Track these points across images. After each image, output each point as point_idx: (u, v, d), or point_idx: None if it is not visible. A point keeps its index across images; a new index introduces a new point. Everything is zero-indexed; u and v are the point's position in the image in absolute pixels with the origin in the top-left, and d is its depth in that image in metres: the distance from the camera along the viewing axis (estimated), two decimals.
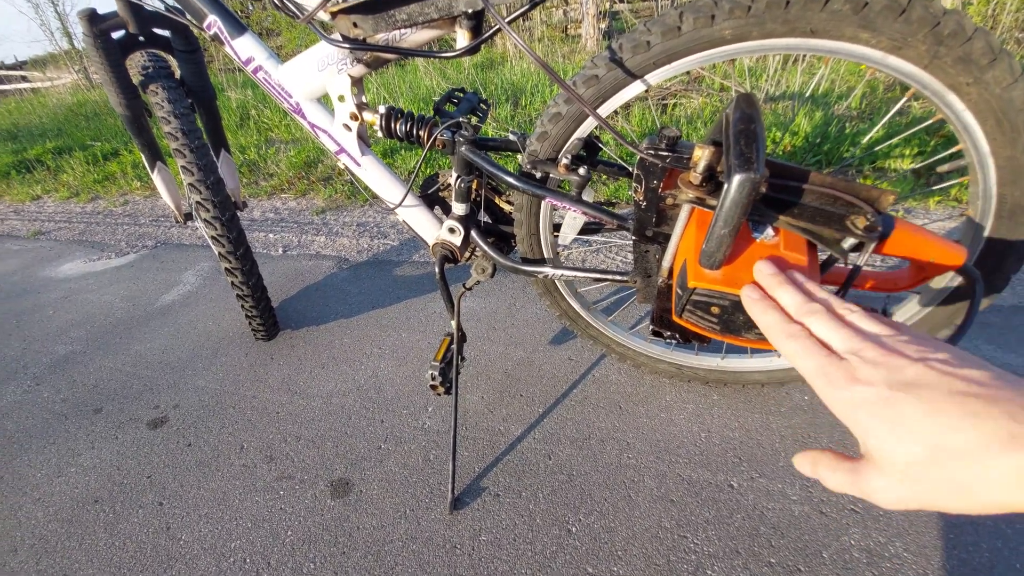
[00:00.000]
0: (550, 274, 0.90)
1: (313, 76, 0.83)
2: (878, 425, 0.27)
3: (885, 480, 0.27)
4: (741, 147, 0.46)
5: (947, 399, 0.25)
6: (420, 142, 0.85)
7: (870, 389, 0.28)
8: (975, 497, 0.24)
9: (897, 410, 0.26)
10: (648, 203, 0.65)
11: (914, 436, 0.25)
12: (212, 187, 1.04)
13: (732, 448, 0.91)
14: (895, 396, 0.27)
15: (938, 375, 0.26)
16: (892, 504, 0.27)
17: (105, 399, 1.26)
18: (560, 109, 0.73)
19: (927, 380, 0.27)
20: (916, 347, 0.29)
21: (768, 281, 0.41)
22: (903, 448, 0.26)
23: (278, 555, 0.84)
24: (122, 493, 0.99)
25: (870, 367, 0.29)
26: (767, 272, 0.42)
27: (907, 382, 0.27)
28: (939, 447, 0.25)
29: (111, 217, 2.61)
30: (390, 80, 3.55)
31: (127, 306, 1.68)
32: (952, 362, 0.27)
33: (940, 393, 0.26)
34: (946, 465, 0.24)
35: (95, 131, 4.19)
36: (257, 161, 2.80)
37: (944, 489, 0.25)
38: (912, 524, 0.76)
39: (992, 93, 0.59)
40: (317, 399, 1.15)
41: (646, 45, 0.65)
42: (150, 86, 1.04)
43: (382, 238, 1.88)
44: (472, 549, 0.81)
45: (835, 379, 0.30)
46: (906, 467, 0.26)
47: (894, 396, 0.27)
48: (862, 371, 0.29)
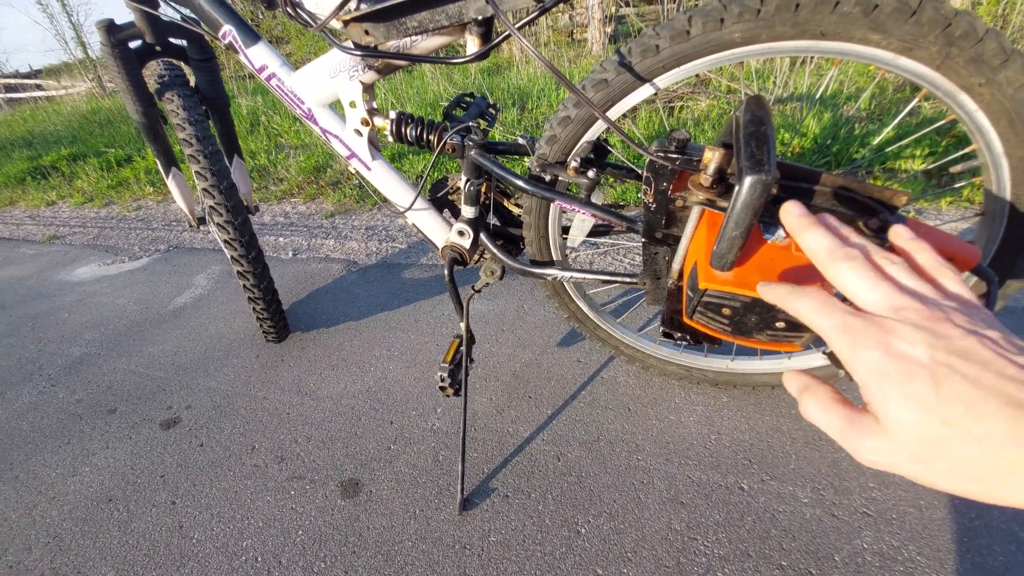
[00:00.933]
0: (559, 276, 0.90)
1: (325, 83, 0.84)
2: (904, 396, 0.24)
3: (884, 444, 0.25)
4: (752, 149, 0.47)
5: (992, 385, 0.22)
6: (430, 146, 0.86)
7: (907, 358, 0.24)
8: (990, 488, 0.22)
9: (934, 387, 0.23)
10: (658, 205, 0.65)
11: (944, 416, 0.23)
12: (225, 192, 1.05)
13: (742, 450, 0.91)
14: (936, 372, 0.23)
15: (992, 355, 0.23)
16: (877, 465, 0.25)
17: (119, 400, 1.27)
18: (569, 113, 0.74)
19: (975, 358, 0.23)
20: (966, 317, 0.26)
21: (796, 223, 0.35)
22: (923, 424, 0.23)
23: (289, 554, 0.84)
24: (135, 492, 1.01)
25: (911, 330, 0.25)
26: (796, 213, 0.35)
27: (953, 357, 0.24)
28: (967, 433, 0.22)
29: (124, 222, 2.65)
30: (397, 85, 3.58)
31: (140, 309, 1.70)
32: (1004, 344, 0.24)
33: (988, 377, 0.23)
34: (969, 451, 0.22)
35: (109, 138, 4.26)
36: (267, 166, 2.83)
37: (955, 472, 0.23)
38: (925, 527, 0.76)
39: (1005, 94, 0.59)
40: (327, 400, 1.16)
41: (655, 49, 0.65)
42: (166, 94, 1.06)
43: (390, 241, 1.90)
44: (482, 549, 0.81)
45: (863, 338, 0.26)
46: (919, 442, 0.23)
47: (935, 372, 0.23)
48: (901, 333, 0.25)
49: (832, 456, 0.88)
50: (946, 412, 0.23)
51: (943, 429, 0.23)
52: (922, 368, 0.24)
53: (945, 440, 0.23)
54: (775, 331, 0.53)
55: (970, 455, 0.23)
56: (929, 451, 0.23)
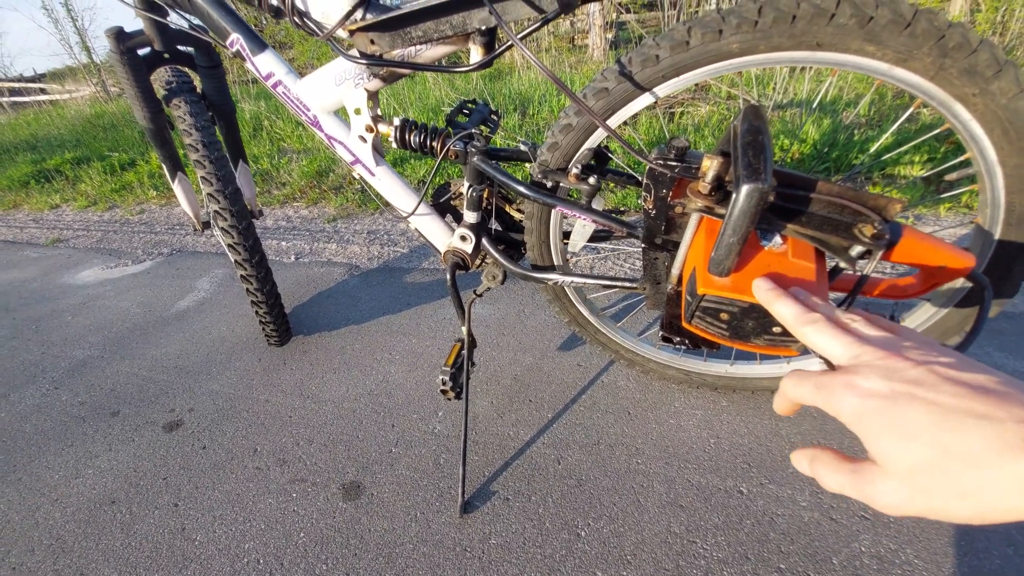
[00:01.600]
0: (560, 281, 0.91)
1: (330, 90, 0.86)
2: (883, 429, 0.26)
3: (889, 484, 0.26)
4: (749, 158, 0.48)
5: (953, 403, 0.25)
6: (433, 153, 0.87)
7: (871, 393, 0.27)
8: (982, 504, 0.23)
9: (901, 414, 0.26)
10: (657, 212, 0.67)
11: (920, 440, 0.25)
12: (230, 197, 1.07)
13: (741, 454, 0.92)
14: (898, 400, 0.26)
15: (941, 379, 0.26)
16: (894, 509, 0.26)
17: (122, 402, 1.28)
18: (571, 120, 0.75)
19: (930, 383, 0.26)
20: (920, 351, 0.29)
21: (765, 296, 0.41)
22: (909, 452, 0.25)
23: (291, 556, 0.85)
24: (138, 494, 1.01)
25: (869, 371, 0.28)
26: (764, 288, 0.42)
27: (910, 385, 0.26)
28: (946, 452, 0.24)
29: (128, 225, 2.66)
30: (400, 91, 3.61)
31: (143, 312, 1.71)
32: (956, 366, 0.27)
33: (945, 396, 0.25)
34: (952, 470, 0.24)
35: (112, 142, 4.29)
36: (270, 171, 2.85)
37: (950, 495, 0.24)
38: (923, 531, 0.76)
39: (998, 103, 0.60)
40: (329, 403, 1.17)
41: (655, 59, 0.66)
42: (173, 100, 1.08)
43: (392, 246, 1.91)
44: (482, 552, 0.82)
45: (834, 388, 0.29)
46: (910, 472, 0.25)
47: (897, 400, 0.26)
48: (862, 373, 0.28)
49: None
50: (920, 435, 0.25)
51: (927, 452, 0.25)
52: (885, 399, 0.26)
53: (932, 463, 0.24)
54: (772, 336, 0.54)
55: (959, 472, 0.24)
56: (926, 479, 0.25)
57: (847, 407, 0.28)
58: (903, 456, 0.25)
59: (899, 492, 0.26)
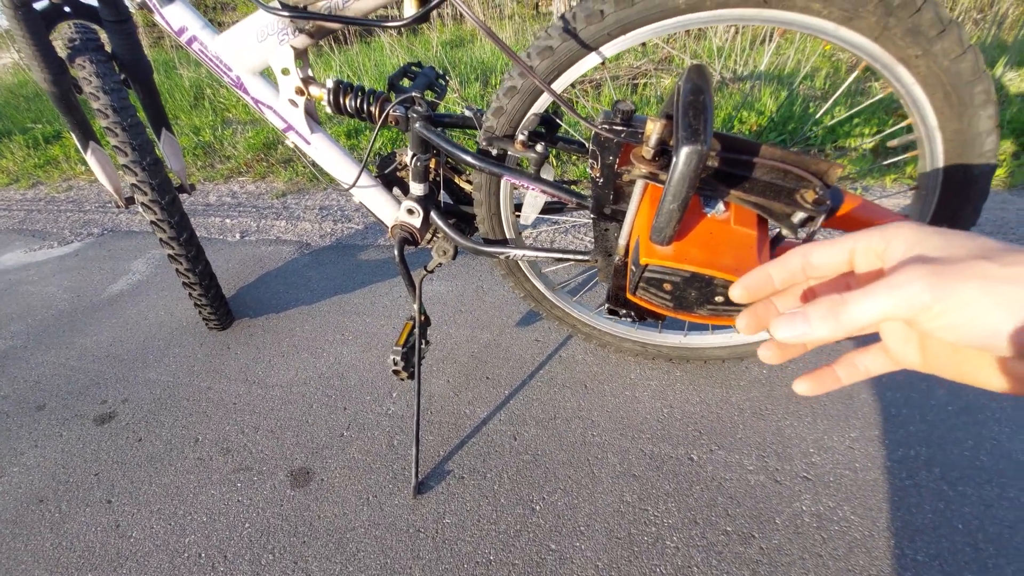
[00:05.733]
0: (512, 255, 0.88)
1: (253, 48, 0.78)
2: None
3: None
4: (689, 119, 0.45)
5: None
6: (371, 118, 0.81)
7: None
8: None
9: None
10: (605, 180, 0.64)
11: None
12: (148, 168, 0.97)
13: (693, 422, 0.93)
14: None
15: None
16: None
17: (48, 395, 1.19)
18: (515, 83, 0.71)
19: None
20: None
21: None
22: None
23: (235, 548, 0.81)
24: (68, 492, 0.95)
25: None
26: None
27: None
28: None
29: (53, 204, 2.44)
30: (354, 58, 3.41)
31: (71, 297, 1.58)
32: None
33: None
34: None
35: (36, 113, 3.90)
36: (213, 143, 2.66)
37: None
38: (860, 488, 0.80)
39: (941, 66, 0.60)
40: (276, 388, 1.12)
41: (600, 15, 0.62)
42: (77, 59, 0.96)
43: (346, 222, 1.83)
44: (436, 532, 0.80)
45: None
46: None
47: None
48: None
49: (776, 424, 0.91)
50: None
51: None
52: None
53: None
54: (715, 306, 0.53)
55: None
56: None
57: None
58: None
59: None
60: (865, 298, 0.24)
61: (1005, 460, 0.81)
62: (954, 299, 0.22)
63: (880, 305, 0.24)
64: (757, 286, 0.31)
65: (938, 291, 0.22)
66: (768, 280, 0.31)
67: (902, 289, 0.23)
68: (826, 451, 0.86)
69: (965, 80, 0.60)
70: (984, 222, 1.35)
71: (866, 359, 0.31)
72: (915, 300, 0.22)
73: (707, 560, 0.73)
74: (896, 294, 0.23)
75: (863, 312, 0.24)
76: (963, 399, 0.91)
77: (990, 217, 1.38)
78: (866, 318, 0.24)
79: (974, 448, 0.83)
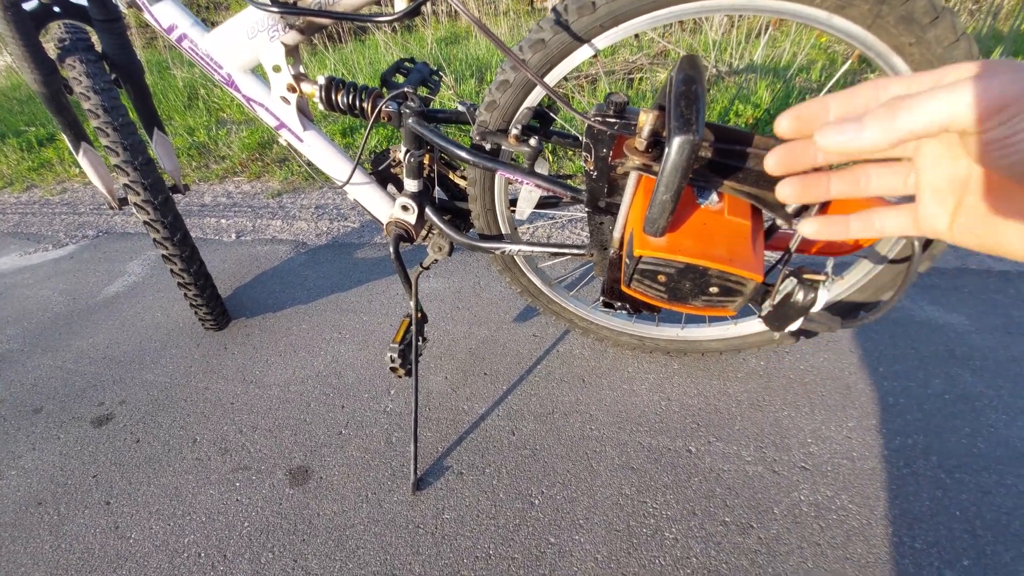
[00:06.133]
0: (507, 250, 0.88)
1: (243, 45, 0.77)
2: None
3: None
4: (681, 109, 0.45)
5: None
6: (364, 115, 0.81)
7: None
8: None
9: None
10: (599, 173, 0.64)
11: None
12: (141, 168, 0.96)
13: (691, 414, 0.93)
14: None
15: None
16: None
17: (45, 398, 1.18)
18: (508, 77, 0.70)
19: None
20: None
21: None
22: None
23: (235, 547, 0.81)
24: (66, 494, 0.94)
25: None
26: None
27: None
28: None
29: (48, 207, 2.43)
30: (348, 56, 3.39)
31: (67, 300, 1.58)
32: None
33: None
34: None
35: (29, 116, 3.87)
36: (207, 143, 2.65)
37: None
38: (857, 477, 0.80)
39: (934, 53, 0.59)
40: (274, 388, 1.11)
41: (591, 6, 0.62)
42: (67, 59, 0.95)
43: (342, 220, 1.82)
44: (435, 527, 0.80)
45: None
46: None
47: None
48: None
49: (774, 415, 0.91)
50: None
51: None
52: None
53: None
54: (710, 296, 0.53)
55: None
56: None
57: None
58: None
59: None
60: (929, 95, 0.20)
61: (1002, 447, 0.81)
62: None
63: (948, 101, 0.20)
64: (810, 115, 0.27)
65: (1011, 85, 0.19)
66: (825, 110, 0.26)
67: (968, 84, 0.19)
68: (824, 441, 0.86)
69: None
70: None
71: (886, 217, 0.28)
72: (1001, 94, 0.19)
73: (706, 551, 0.74)
74: (965, 87, 0.19)
75: (931, 107, 0.20)
76: (960, 388, 0.91)
77: None
78: (931, 115, 0.20)
79: (971, 436, 0.83)
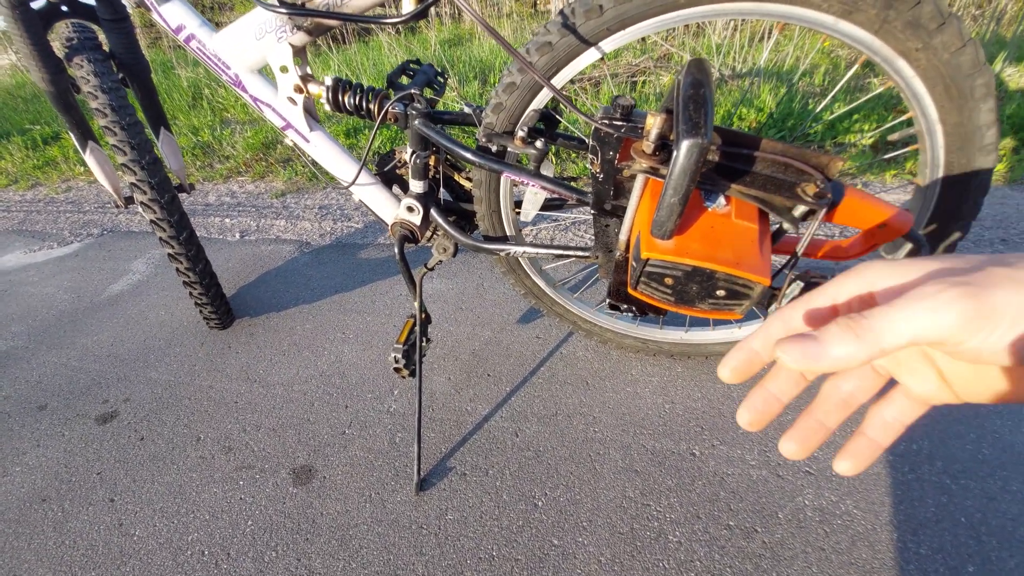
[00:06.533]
0: (512, 252, 0.88)
1: (251, 45, 0.77)
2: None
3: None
4: (690, 112, 0.45)
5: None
6: (370, 116, 0.81)
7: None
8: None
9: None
10: (605, 175, 0.64)
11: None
12: (148, 167, 0.97)
13: (695, 417, 0.93)
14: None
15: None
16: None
17: (50, 395, 1.19)
18: (514, 79, 0.71)
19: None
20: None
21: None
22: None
23: (238, 545, 0.81)
24: (71, 491, 0.95)
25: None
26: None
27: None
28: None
29: (53, 204, 2.44)
30: (352, 57, 3.41)
31: (71, 298, 1.58)
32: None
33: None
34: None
35: (35, 114, 3.89)
36: (212, 143, 2.66)
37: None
38: (862, 482, 0.80)
39: (941, 59, 0.60)
40: (278, 387, 1.12)
41: (599, 10, 0.62)
42: (75, 59, 0.96)
43: (345, 220, 1.82)
44: (438, 528, 0.80)
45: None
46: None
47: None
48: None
49: (780, 419, 0.91)
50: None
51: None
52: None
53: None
54: (716, 300, 0.53)
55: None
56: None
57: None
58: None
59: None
60: (893, 312, 0.20)
61: (1007, 453, 0.81)
62: (994, 307, 0.19)
63: (914, 320, 0.20)
64: (744, 363, 0.28)
65: (975, 300, 0.19)
66: (752, 353, 0.27)
67: (935, 299, 0.20)
68: (828, 445, 0.86)
69: (965, 73, 0.60)
70: (984, 217, 1.35)
71: (891, 411, 0.27)
72: (951, 315, 0.19)
73: (710, 555, 0.74)
74: (930, 306, 0.20)
75: (893, 329, 0.20)
76: None
77: (990, 212, 1.38)
78: (896, 336, 0.20)
79: (976, 442, 0.83)
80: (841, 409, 0.28)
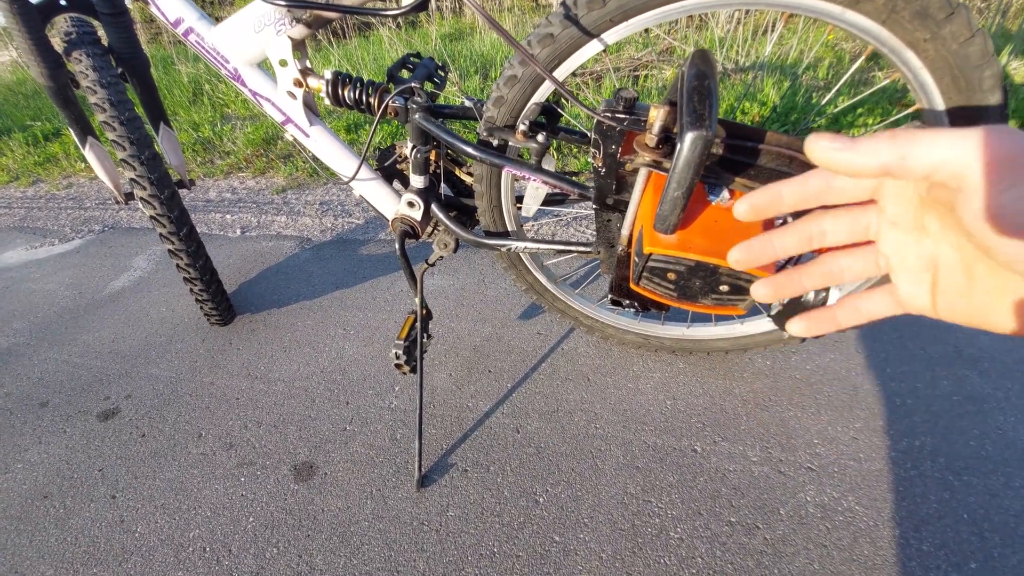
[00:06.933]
0: (513, 247, 0.87)
1: (250, 39, 0.77)
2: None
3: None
4: (694, 104, 0.44)
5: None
6: (370, 110, 0.81)
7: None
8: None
9: None
10: (607, 169, 0.63)
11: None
12: (147, 163, 0.96)
13: (696, 414, 0.93)
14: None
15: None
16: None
17: (51, 392, 1.19)
18: (515, 72, 0.70)
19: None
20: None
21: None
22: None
23: (240, 542, 0.81)
24: (72, 488, 0.95)
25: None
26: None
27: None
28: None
29: (54, 201, 2.44)
30: (352, 52, 3.39)
31: (73, 294, 1.58)
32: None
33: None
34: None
35: (35, 110, 3.89)
36: (212, 139, 2.65)
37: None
38: (864, 479, 0.79)
39: (949, 49, 0.59)
40: (279, 383, 1.11)
41: (601, 1, 0.61)
42: (74, 53, 0.95)
43: (346, 216, 1.82)
44: (440, 525, 0.80)
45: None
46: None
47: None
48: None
49: (780, 415, 0.90)
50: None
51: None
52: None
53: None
54: (719, 295, 0.52)
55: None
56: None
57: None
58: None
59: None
60: (931, 134, 0.21)
61: (1010, 449, 0.80)
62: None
63: (946, 146, 0.20)
64: (765, 204, 0.28)
65: (1008, 146, 0.19)
66: (779, 199, 0.28)
67: (973, 136, 0.20)
68: (830, 442, 0.85)
69: (973, 64, 0.59)
70: None
71: (869, 302, 0.29)
72: (979, 152, 0.19)
73: (711, 551, 0.73)
74: (965, 136, 0.20)
75: (927, 143, 0.21)
76: (968, 389, 0.90)
77: None
78: (924, 153, 0.21)
79: (979, 438, 0.83)
80: (824, 278, 0.30)
